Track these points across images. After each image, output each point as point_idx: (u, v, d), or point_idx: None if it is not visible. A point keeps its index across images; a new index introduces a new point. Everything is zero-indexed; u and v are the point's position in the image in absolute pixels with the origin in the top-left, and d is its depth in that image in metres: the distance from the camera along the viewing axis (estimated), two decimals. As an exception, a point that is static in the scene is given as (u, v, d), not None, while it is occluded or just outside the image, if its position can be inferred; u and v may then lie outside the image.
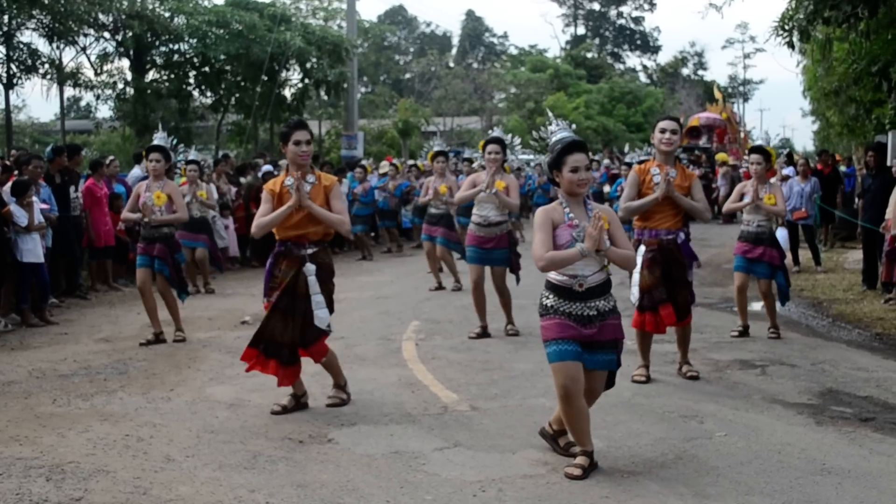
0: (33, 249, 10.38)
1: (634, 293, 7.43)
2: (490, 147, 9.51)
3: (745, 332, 9.57)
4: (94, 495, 4.87)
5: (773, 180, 10.08)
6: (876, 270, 12.51)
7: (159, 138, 9.48)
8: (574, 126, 5.55)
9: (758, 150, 9.41)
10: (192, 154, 14.02)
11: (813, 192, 15.78)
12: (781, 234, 16.10)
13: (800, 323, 10.80)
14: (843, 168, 20.11)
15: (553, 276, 5.22)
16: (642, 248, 7.39)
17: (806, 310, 11.69)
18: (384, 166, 20.52)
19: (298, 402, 6.66)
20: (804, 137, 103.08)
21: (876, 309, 11.30)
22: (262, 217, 6.50)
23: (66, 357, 8.57)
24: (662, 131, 7.37)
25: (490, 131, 10.36)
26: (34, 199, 10.56)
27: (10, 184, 10.53)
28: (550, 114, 5.73)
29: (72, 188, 12.54)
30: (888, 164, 13.01)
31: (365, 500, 4.84)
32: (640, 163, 7.84)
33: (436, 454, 5.62)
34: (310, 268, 6.44)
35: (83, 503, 4.76)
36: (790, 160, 20.48)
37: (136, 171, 14.66)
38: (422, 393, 7.17)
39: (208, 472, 5.27)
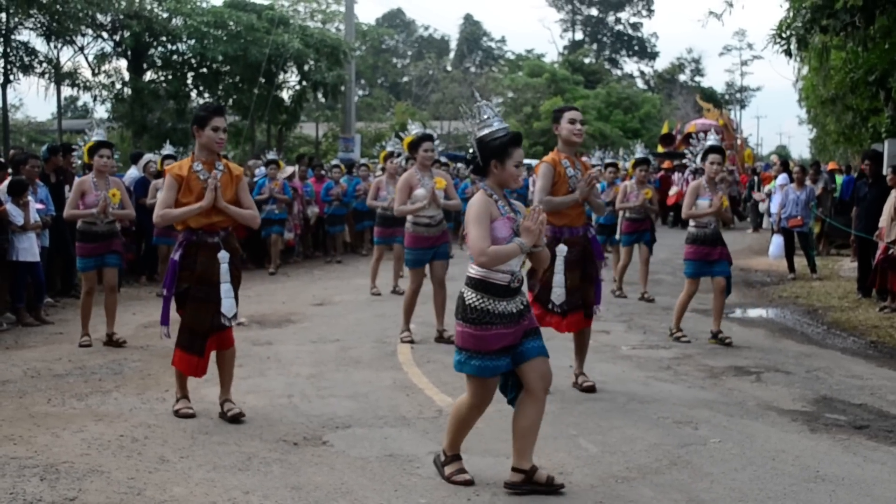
0: (29, 248, 10.35)
1: (560, 293, 7.01)
2: (426, 144, 9.30)
3: (683, 335, 9.54)
4: (88, 495, 4.86)
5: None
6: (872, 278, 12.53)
7: (100, 134, 9.36)
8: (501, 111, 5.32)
9: (717, 150, 9.34)
10: (167, 149, 13.98)
11: (808, 200, 15.82)
12: (777, 241, 16.18)
13: (795, 330, 10.81)
14: (840, 177, 20.12)
15: (484, 273, 4.91)
16: (563, 248, 7.04)
17: (801, 317, 11.70)
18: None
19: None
20: (800, 145, 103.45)
21: (871, 317, 11.32)
22: (168, 209, 6.26)
23: (61, 357, 8.55)
24: (572, 122, 7.07)
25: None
26: (30, 198, 10.54)
27: (5, 183, 10.50)
28: (483, 101, 5.36)
29: (67, 187, 12.51)
30: (884, 172, 13.01)
31: (359, 503, 4.83)
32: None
33: (430, 457, 5.61)
34: (223, 255, 6.32)
35: (77, 503, 4.75)
36: (786, 168, 20.54)
37: (133, 171, 14.63)
38: (417, 396, 7.17)
39: (202, 474, 5.26)
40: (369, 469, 5.39)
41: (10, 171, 11.16)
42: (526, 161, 28.00)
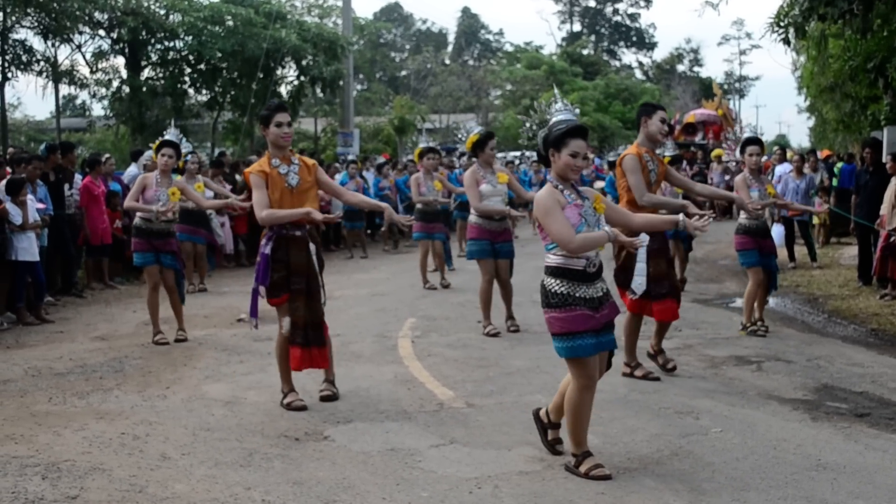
0: (28, 248, 10.35)
1: (641, 282, 7.01)
2: (492, 142, 9.53)
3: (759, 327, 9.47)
4: (90, 493, 4.86)
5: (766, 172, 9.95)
6: (871, 266, 12.52)
7: (172, 134, 9.48)
8: (578, 111, 5.41)
9: (755, 141, 9.31)
10: (186, 145, 13.99)
11: (808, 189, 15.81)
12: (777, 230, 16.17)
13: (795, 319, 10.81)
14: (839, 164, 20.08)
15: (562, 260, 5.09)
16: (645, 237, 7.19)
17: (801, 306, 11.70)
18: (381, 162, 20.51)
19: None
20: (800, 134, 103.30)
21: (871, 305, 11.32)
22: (271, 209, 6.43)
23: (62, 355, 8.56)
24: (663, 121, 7.43)
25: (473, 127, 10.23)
26: (29, 197, 10.53)
27: (3, 182, 10.49)
28: (557, 92, 5.53)
29: (66, 186, 12.51)
30: (884, 160, 12.98)
31: (361, 498, 4.83)
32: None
33: (432, 451, 5.61)
34: (312, 247, 6.61)
35: (79, 501, 4.75)
36: (784, 156, 20.51)
37: (133, 169, 14.64)
38: (418, 390, 7.17)
39: (204, 470, 5.26)
40: (371, 463, 5.40)
41: (9, 169, 11.15)
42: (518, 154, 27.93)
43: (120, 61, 22.86)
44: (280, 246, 6.53)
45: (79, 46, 21.84)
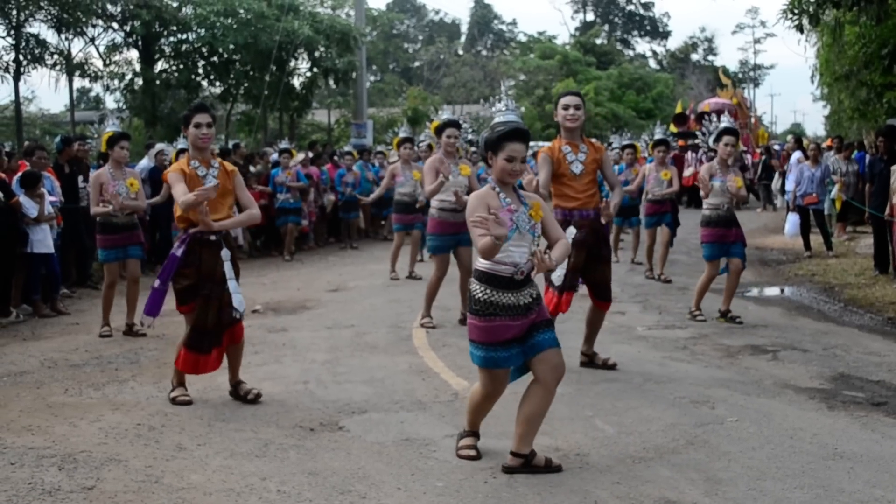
0: (44, 240, 10.39)
1: (560, 274, 6.98)
2: (449, 131, 9.26)
3: (700, 314, 9.56)
4: (106, 484, 4.88)
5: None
6: (887, 255, 12.45)
7: (115, 125, 9.38)
8: (523, 110, 5.24)
9: (730, 131, 9.26)
10: (181, 143, 14.00)
11: (824, 177, 15.72)
12: (793, 219, 16.11)
13: (811, 308, 10.76)
14: (854, 153, 19.95)
15: (489, 265, 4.89)
16: (572, 230, 7.00)
17: (817, 295, 11.65)
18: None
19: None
20: (815, 122, 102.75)
21: (888, 293, 11.25)
22: (183, 196, 6.18)
23: (78, 347, 8.59)
24: (566, 108, 7.06)
25: (442, 114, 10.05)
26: (44, 190, 10.57)
27: (18, 175, 10.52)
28: (504, 87, 5.35)
29: (81, 178, 12.54)
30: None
31: (376, 488, 4.84)
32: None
33: (447, 441, 5.61)
34: (225, 253, 6.38)
35: (95, 492, 4.77)
36: (800, 145, 20.41)
37: (145, 161, 14.67)
38: (432, 380, 7.17)
39: (220, 461, 5.28)
40: (386, 453, 5.40)
41: (24, 161, 11.17)
42: (533, 144, 27.81)
43: (133, 54, 22.91)
44: (193, 250, 6.34)
45: (92, 40, 21.88)
